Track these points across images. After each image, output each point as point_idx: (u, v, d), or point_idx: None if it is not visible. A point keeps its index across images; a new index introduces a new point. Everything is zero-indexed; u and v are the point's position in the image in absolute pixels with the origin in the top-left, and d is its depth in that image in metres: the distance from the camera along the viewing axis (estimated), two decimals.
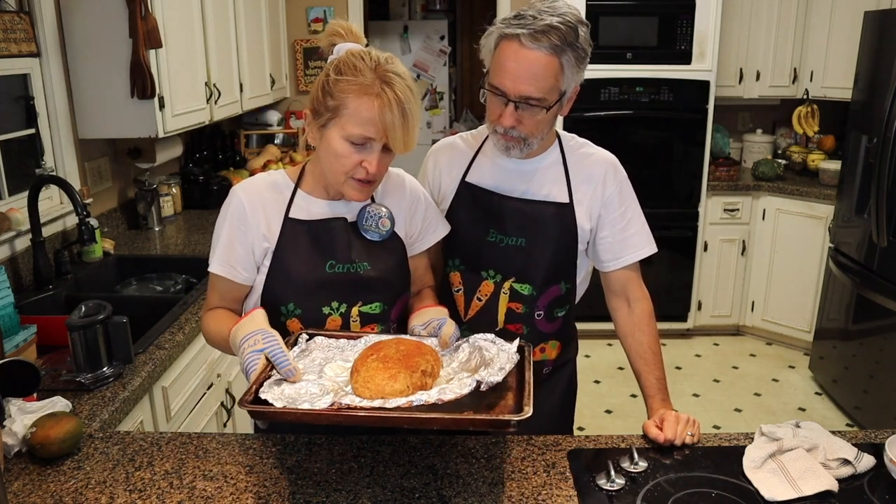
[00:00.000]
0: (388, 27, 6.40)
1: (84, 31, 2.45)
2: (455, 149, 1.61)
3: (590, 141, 1.60)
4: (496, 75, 1.39)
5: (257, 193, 1.36)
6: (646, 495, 1.17)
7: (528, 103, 1.37)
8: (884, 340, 3.12)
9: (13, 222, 2.19)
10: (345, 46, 1.29)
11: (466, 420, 1.07)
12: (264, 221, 1.34)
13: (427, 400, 1.07)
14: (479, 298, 1.55)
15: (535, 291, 1.53)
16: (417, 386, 1.11)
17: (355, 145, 1.25)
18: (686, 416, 1.36)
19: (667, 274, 4.07)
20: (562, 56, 1.35)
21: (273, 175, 1.41)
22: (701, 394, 3.64)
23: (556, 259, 1.52)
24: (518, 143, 1.43)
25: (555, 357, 1.61)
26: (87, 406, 1.52)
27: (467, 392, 1.09)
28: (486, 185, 1.54)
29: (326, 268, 1.34)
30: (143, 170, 3.02)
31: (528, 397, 1.09)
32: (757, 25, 4.10)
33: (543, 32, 1.33)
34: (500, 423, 1.07)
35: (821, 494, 1.16)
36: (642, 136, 3.92)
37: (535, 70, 1.34)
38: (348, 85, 1.23)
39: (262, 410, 1.06)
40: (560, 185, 1.52)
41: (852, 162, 3.37)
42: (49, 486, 1.20)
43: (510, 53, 1.36)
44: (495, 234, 1.52)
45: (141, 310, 2.06)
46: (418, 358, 1.15)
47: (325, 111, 1.26)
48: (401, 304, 1.44)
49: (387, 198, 1.43)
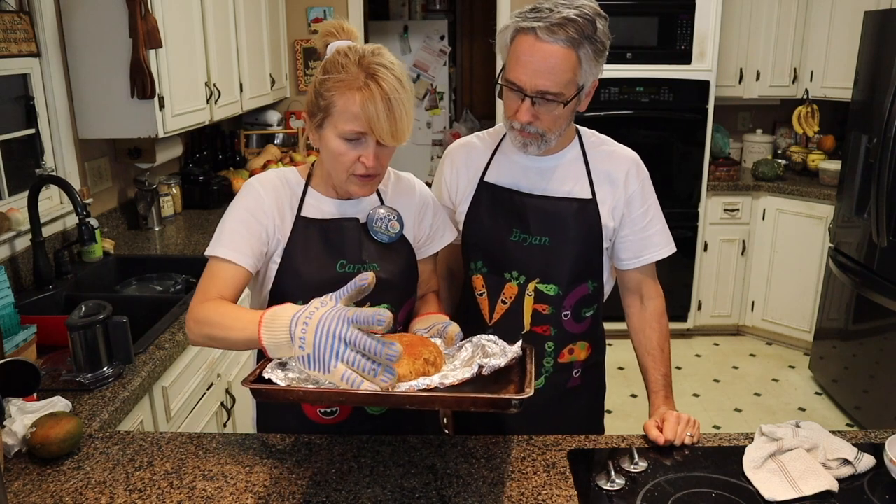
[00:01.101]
0: (388, 27, 6.40)
1: (84, 31, 2.46)
2: (472, 148, 1.58)
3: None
4: (512, 70, 1.36)
5: (273, 187, 1.35)
6: (646, 495, 1.17)
7: (545, 98, 1.34)
8: (884, 340, 3.12)
9: (13, 222, 2.19)
10: (337, 44, 1.29)
11: (468, 399, 1.06)
12: (279, 216, 1.33)
13: (429, 384, 1.06)
14: (503, 301, 1.52)
15: (561, 291, 1.49)
16: (419, 372, 1.10)
17: (350, 142, 1.24)
18: (686, 416, 1.36)
19: (667, 274, 4.02)
20: (579, 49, 1.32)
21: (285, 171, 1.40)
22: (701, 394, 3.64)
23: (582, 257, 1.49)
24: (535, 139, 1.40)
25: (584, 358, 1.56)
26: (87, 406, 1.52)
27: (469, 377, 1.09)
28: (506, 184, 1.51)
29: (337, 267, 1.34)
30: (143, 170, 3.02)
31: (530, 381, 1.09)
32: (757, 25, 4.10)
33: (560, 25, 1.30)
34: (502, 403, 1.06)
35: (821, 494, 1.16)
36: (642, 136, 3.91)
37: (552, 64, 1.31)
38: (334, 83, 1.23)
39: (266, 389, 1.06)
40: (582, 182, 1.49)
41: (852, 162, 3.37)
42: (49, 486, 1.20)
43: (526, 47, 1.33)
44: (518, 233, 1.49)
45: (141, 310, 2.06)
46: (421, 347, 1.15)
47: (318, 112, 1.27)
48: (408, 306, 1.44)
49: (397, 201, 1.43)
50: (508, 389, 1.14)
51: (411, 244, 1.43)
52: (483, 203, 1.53)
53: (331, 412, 1.38)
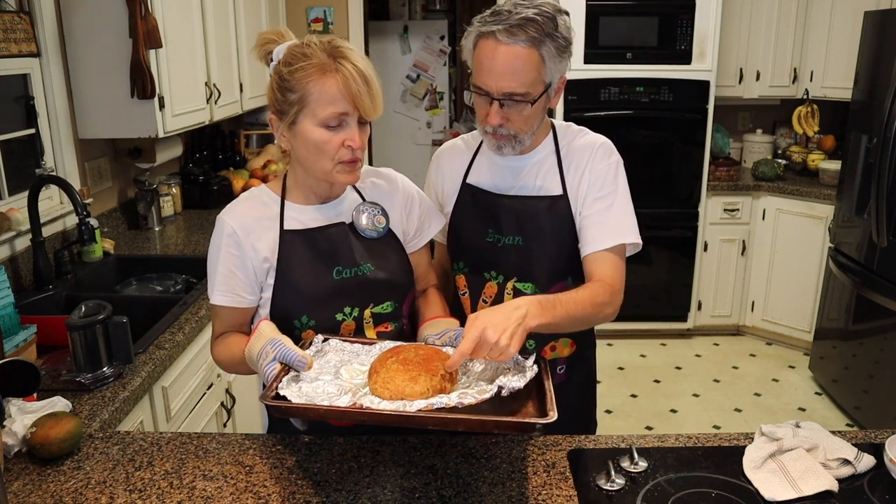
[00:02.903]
0: (388, 27, 6.40)
1: (84, 31, 2.46)
2: (456, 151, 1.61)
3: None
4: (478, 75, 1.37)
5: (245, 215, 1.34)
6: (646, 495, 1.17)
7: (512, 99, 1.36)
8: (884, 340, 3.12)
9: (13, 222, 2.19)
10: (286, 44, 1.29)
11: (492, 422, 1.07)
12: (260, 241, 1.32)
13: (447, 403, 1.06)
14: (484, 300, 1.54)
15: (539, 289, 1.50)
16: (437, 389, 1.11)
17: (331, 128, 1.24)
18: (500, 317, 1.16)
19: (667, 274, 4.07)
20: (541, 47, 1.33)
21: (254, 193, 1.39)
22: (701, 394, 3.64)
23: (558, 255, 1.49)
24: (509, 140, 1.42)
25: (568, 355, 1.58)
26: (87, 406, 1.52)
27: (488, 397, 1.08)
28: (485, 185, 1.53)
29: (334, 274, 1.34)
30: (143, 170, 3.02)
31: (552, 402, 1.09)
32: (757, 25, 4.10)
33: (520, 26, 1.31)
34: (526, 426, 1.07)
35: (821, 494, 1.16)
36: (642, 136, 3.91)
37: (515, 65, 1.33)
38: (304, 71, 1.22)
39: (286, 406, 1.06)
40: (553, 177, 1.49)
41: (852, 162, 3.37)
42: (49, 486, 1.20)
43: (488, 51, 1.34)
44: (493, 234, 1.52)
45: (141, 310, 2.06)
46: (438, 362, 1.15)
47: (289, 107, 1.25)
48: (409, 299, 1.44)
49: (381, 198, 1.43)
50: (527, 407, 1.14)
51: (399, 238, 1.43)
52: (465, 205, 1.55)
53: None
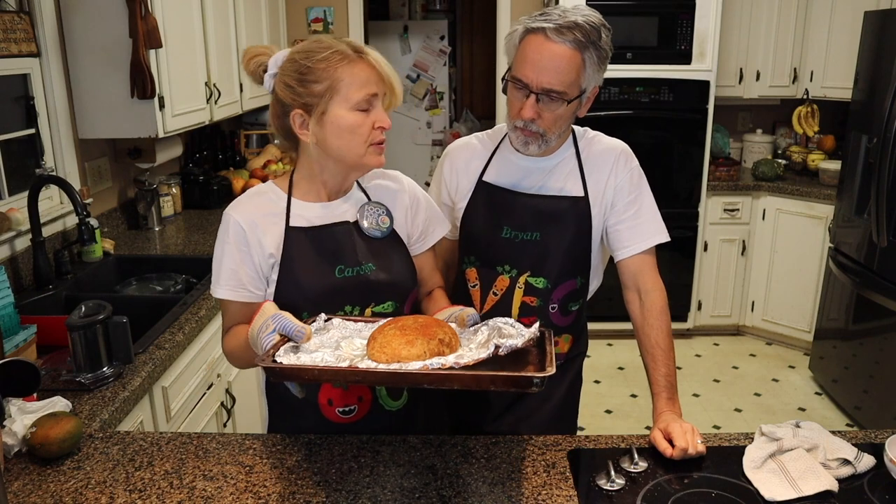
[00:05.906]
0: (388, 27, 6.40)
1: (84, 31, 2.45)
2: (472, 149, 1.63)
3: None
4: (520, 67, 1.41)
5: (252, 211, 1.35)
6: (646, 495, 1.17)
7: (549, 96, 1.40)
8: (884, 340, 3.12)
9: (13, 222, 2.19)
10: (281, 55, 1.32)
11: (487, 377, 1.05)
12: (266, 237, 1.33)
13: (444, 364, 1.05)
14: (494, 293, 1.57)
15: (550, 285, 1.54)
16: (434, 352, 1.10)
17: (363, 111, 1.28)
18: (689, 425, 1.31)
19: (667, 274, 4.01)
20: (584, 52, 1.39)
21: (261, 188, 1.40)
22: (701, 394, 3.64)
23: (572, 253, 1.54)
24: (536, 138, 1.45)
25: (566, 351, 1.62)
26: (87, 406, 1.52)
27: (485, 356, 1.07)
28: (503, 184, 1.56)
29: (336, 273, 1.34)
30: (143, 170, 3.02)
31: (551, 360, 1.08)
32: (757, 25, 4.10)
33: (569, 28, 1.37)
34: (523, 381, 1.04)
35: (821, 494, 1.16)
36: (642, 136, 3.91)
37: (559, 63, 1.38)
38: (330, 62, 1.26)
39: (281, 368, 1.06)
40: (575, 180, 1.54)
41: (852, 162, 3.37)
42: (49, 486, 1.20)
43: (535, 45, 1.39)
44: (509, 230, 1.54)
45: (141, 310, 2.06)
46: (436, 328, 1.15)
47: (317, 99, 1.27)
48: (411, 299, 1.45)
49: (386, 199, 1.43)
50: (528, 370, 1.12)
51: (404, 240, 1.44)
52: (480, 201, 1.57)
53: (349, 411, 1.37)
